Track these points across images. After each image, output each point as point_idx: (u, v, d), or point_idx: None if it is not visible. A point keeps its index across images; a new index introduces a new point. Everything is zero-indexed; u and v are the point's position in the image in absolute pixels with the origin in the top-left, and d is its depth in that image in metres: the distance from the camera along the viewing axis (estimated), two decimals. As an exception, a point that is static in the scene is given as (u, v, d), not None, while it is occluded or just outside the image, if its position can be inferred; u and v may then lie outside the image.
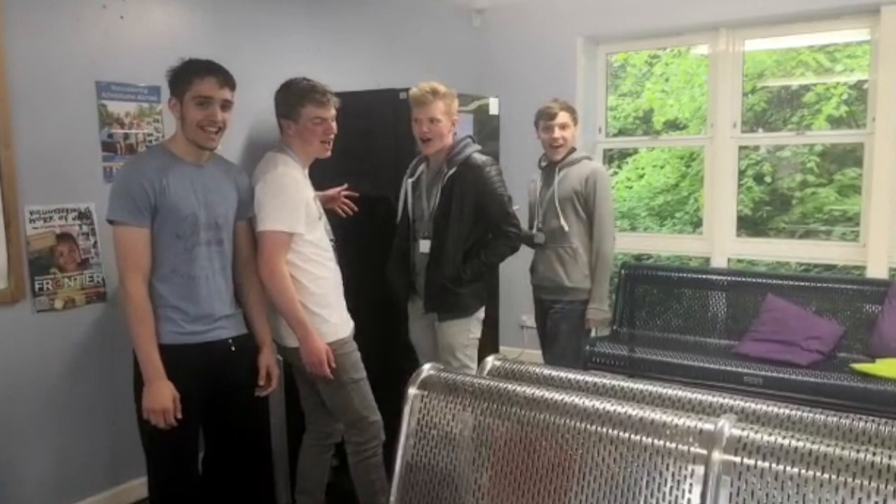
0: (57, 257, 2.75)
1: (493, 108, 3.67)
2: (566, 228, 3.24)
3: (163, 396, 2.10)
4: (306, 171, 2.57)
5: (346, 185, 2.95)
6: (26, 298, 2.68)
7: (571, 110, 3.32)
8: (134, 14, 2.95)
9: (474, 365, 2.87)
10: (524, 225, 3.23)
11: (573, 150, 3.33)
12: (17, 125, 2.61)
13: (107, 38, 2.87)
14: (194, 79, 2.15)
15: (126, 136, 2.93)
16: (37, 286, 2.70)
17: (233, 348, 2.30)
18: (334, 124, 2.53)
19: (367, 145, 3.17)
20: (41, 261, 2.71)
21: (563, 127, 3.26)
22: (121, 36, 2.92)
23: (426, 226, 2.87)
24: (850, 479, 1.30)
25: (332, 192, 2.91)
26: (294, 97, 2.48)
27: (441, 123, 2.77)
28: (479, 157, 2.85)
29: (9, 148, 2.58)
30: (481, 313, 2.96)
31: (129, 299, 2.12)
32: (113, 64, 2.89)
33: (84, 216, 2.82)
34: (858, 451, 1.33)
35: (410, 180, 2.95)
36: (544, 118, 3.29)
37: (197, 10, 3.20)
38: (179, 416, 2.13)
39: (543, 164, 3.43)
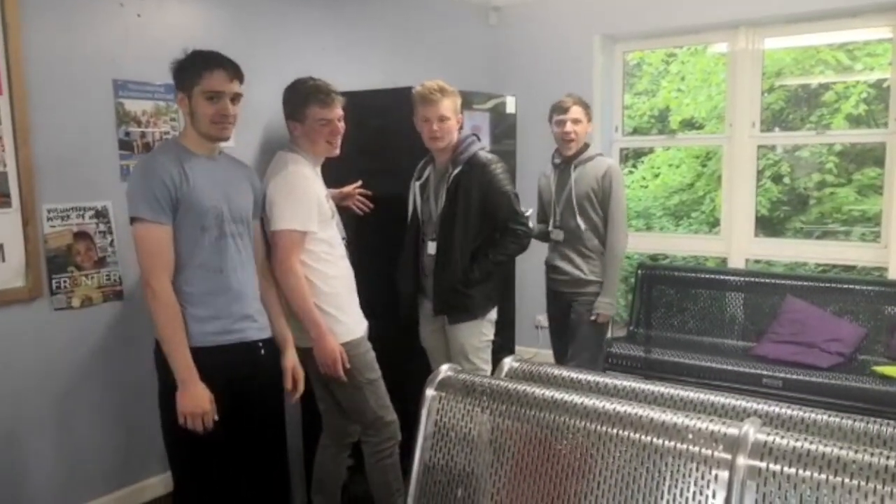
0: (74, 256, 2.76)
1: (510, 107, 3.64)
2: (583, 227, 3.26)
3: (200, 398, 2.05)
4: (318, 170, 2.56)
5: (360, 183, 2.93)
6: (44, 296, 2.69)
7: (585, 105, 3.31)
8: (150, 12, 2.95)
9: (488, 367, 2.83)
10: (536, 221, 3.23)
11: (586, 146, 3.33)
12: (34, 124, 2.61)
13: (124, 37, 2.87)
14: (203, 72, 2.09)
15: (143, 135, 2.94)
16: (54, 284, 2.71)
17: (262, 351, 2.27)
18: (341, 124, 2.51)
19: (383, 144, 3.16)
20: (59, 259, 2.71)
21: (575, 121, 3.25)
22: (138, 34, 2.91)
23: (434, 227, 2.84)
24: (879, 487, 1.27)
25: (347, 189, 2.90)
26: (299, 98, 2.48)
27: (450, 121, 2.74)
28: (484, 155, 2.81)
29: (27, 146, 2.58)
30: (493, 314, 2.90)
31: (157, 300, 2.04)
32: (130, 62, 2.89)
33: (101, 215, 2.83)
34: (888, 458, 1.30)
35: (418, 183, 2.90)
36: (557, 112, 3.29)
37: (213, 9, 3.19)
38: (216, 418, 2.08)
39: (557, 160, 3.40)
